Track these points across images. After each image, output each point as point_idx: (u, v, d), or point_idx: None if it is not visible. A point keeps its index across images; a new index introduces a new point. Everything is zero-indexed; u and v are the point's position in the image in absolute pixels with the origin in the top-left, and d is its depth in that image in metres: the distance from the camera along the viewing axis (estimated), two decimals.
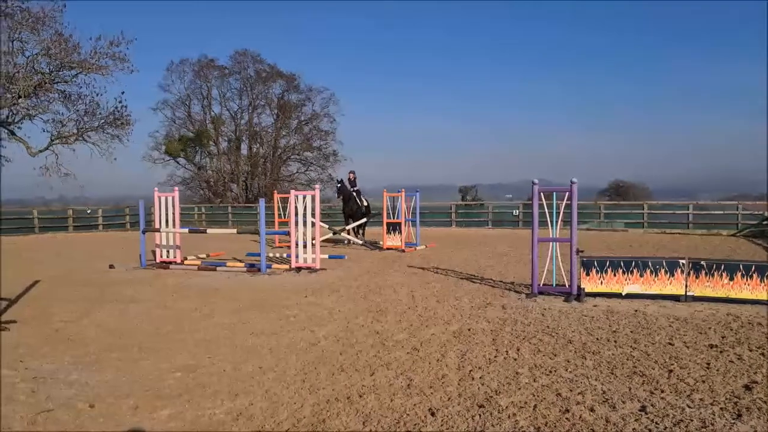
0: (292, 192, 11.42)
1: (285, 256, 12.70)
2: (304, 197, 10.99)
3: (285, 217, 15.53)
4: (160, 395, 4.18)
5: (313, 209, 10.95)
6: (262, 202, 11.26)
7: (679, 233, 18.88)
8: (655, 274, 7.45)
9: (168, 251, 11.97)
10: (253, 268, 10.77)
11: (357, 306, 7.36)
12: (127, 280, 9.93)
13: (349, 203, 15.94)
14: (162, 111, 40.52)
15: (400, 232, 14.45)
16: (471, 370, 4.60)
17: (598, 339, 5.52)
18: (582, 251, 7.85)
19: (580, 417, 3.61)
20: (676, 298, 7.31)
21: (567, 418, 3.60)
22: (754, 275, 7.07)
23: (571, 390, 4.10)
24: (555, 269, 7.93)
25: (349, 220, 16.08)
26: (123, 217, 25.23)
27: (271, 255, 13.02)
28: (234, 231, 14.40)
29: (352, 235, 15.97)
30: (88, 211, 24.66)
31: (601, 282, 7.63)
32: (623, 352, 5.06)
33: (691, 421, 3.52)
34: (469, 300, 7.61)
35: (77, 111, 22.94)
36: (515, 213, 22.94)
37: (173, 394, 4.20)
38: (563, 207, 7.79)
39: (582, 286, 7.62)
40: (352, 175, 16.48)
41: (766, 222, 18.21)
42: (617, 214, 22.09)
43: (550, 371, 4.54)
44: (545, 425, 3.50)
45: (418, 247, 14.78)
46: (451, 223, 23.41)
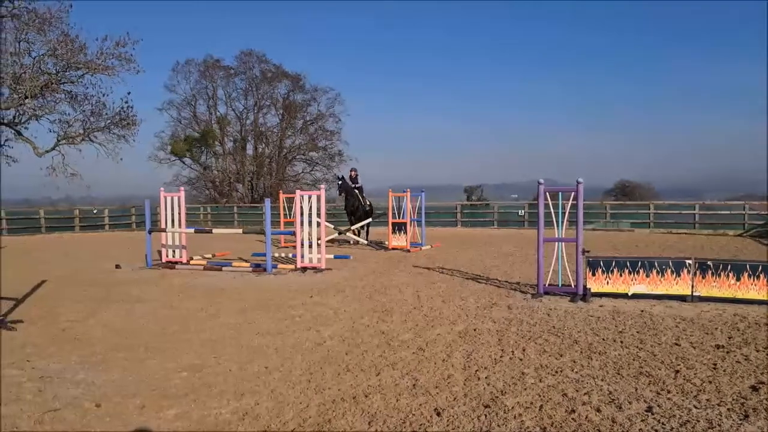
0: (298, 192, 11.43)
1: (290, 256, 12.72)
2: (310, 197, 11.01)
3: (290, 217, 15.57)
4: (167, 395, 4.20)
5: (318, 209, 10.96)
6: (267, 202, 11.28)
7: (685, 233, 18.80)
8: (662, 275, 7.42)
9: (174, 251, 12.02)
10: (258, 268, 10.79)
11: (362, 306, 7.37)
12: (134, 280, 9.97)
13: (350, 199, 15.96)
14: (168, 111, 40.64)
15: (406, 232, 14.46)
16: (477, 370, 4.59)
17: (604, 339, 5.50)
18: (588, 251, 7.84)
19: (587, 417, 3.60)
20: (682, 299, 7.28)
21: (573, 419, 3.59)
22: (761, 275, 7.03)
23: (577, 390, 4.09)
24: (561, 269, 7.91)
25: (351, 217, 16.09)
26: (129, 217, 25.32)
27: (276, 255, 13.04)
28: (239, 231, 14.45)
29: (356, 234, 15.98)
30: (95, 211, 24.78)
31: (607, 282, 7.61)
32: (629, 352, 5.05)
33: (698, 421, 3.51)
34: (474, 300, 7.60)
35: (83, 111, 22.99)
36: (521, 213, 22.90)
37: (179, 394, 4.21)
38: (569, 207, 7.77)
39: (588, 287, 7.60)
40: (353, 173, 16.49)
41: None
42: (623, 214, 22.02)
43: (556, 371, 4.53)
44: (551, 425, 3.50)
45: (423, 247, 14.78)
46: (456, 223, 23.39)
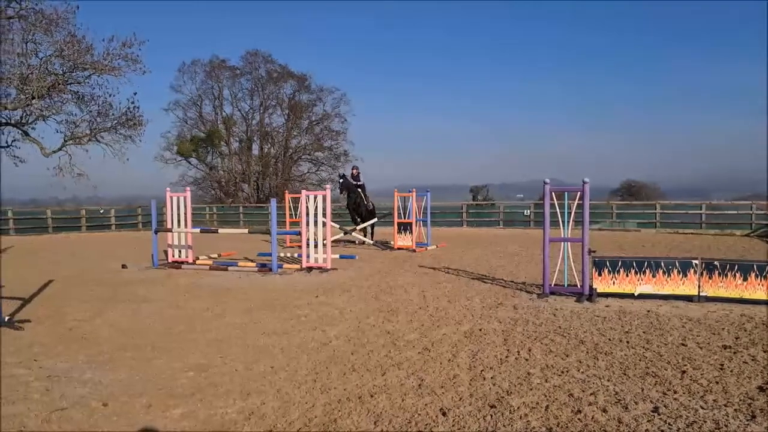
0: (303, 192, 11.45)
1: (296, 255, 12.74)
2: (315, 197, 11.02)
3: (296, 217, 15.59)
4: (173, 394, 4.22)
5: (324, 209, 10.97)
6: (273, 202, 11.30)
7: (691, 233, 18.71)
8: (668, 275, 7.39)
9: (180, 251, 12.05)
10: (264, 268, 10.81)
11: (368, 306, 7.37)
12: (140, 280, 10.01)
13: (351, 196, 15.97)
14: (174, 111, 40.78)
15: (411, 232, 14.45)
16: (482, 370, 4.59)
17: (610, 339, 5.49)
18: (594, 251, 7.81)
19: (593, 418, 3.59)
20: (689, 299, 7.24)
21: (579, 419, 3.58)
22: None
23: (583, 391, 4.08)
24: (567, 269, 7.90)
25: (353, 214, 16.11)
26: (135, 217, 25.42)
27: (282, 255, 13.05)
28: (245, 231, 14.45)
29: (361, 234, 15.99)
30: (101, 211, 24.89)
31: (614, 282, 7.58)
32: (636, 352, 5.03)
33: (705, 422, 3.49)
34: (480, 300, 7.59)
35: (90, 112, 23.14)
36: (526, 213, 22.86)
37: (186, 393, 4.23)
38: (575, 207, 7.76)
39: (594, 287, 7.58)
40: (355, 171, 16.47)
41: None
42: (629, 214, 21.98)
43: (562, 372, 4.52)
44: (557, 426, 3.49)
45: (429, 247, 14.77)
46: (462, 223, 23.37)
